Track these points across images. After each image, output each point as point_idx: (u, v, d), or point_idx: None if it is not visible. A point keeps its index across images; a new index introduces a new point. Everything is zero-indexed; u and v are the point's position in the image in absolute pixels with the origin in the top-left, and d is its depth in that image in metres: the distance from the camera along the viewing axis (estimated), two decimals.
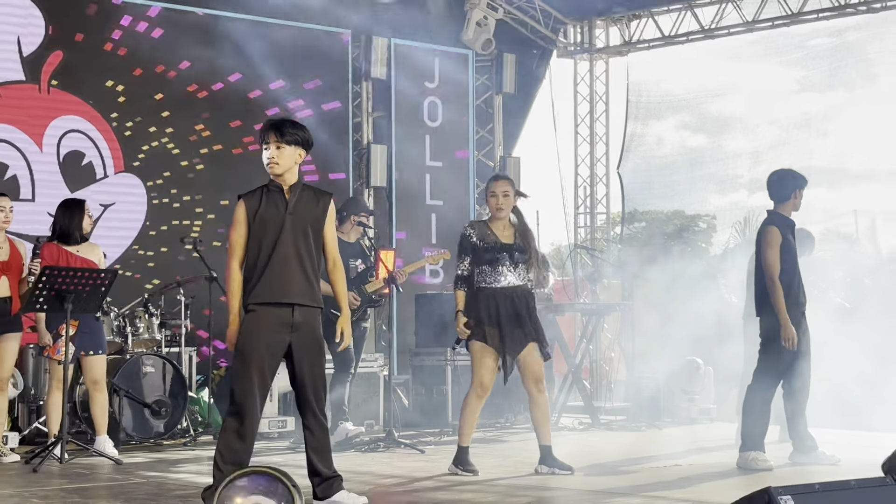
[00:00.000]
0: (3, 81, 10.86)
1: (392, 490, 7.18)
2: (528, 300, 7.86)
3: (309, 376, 6.21)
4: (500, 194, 7.86)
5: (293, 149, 6.25)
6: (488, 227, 7.90)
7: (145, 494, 7.04)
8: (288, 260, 6.20)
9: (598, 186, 15.31)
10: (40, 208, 10.72)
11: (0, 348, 8.54)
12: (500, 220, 7.90)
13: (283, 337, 6.13)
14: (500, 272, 7.81)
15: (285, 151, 6.22)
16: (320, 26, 12.82)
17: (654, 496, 6.97)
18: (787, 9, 13.39)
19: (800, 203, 8.51)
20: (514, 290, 7.81)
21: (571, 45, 15.16)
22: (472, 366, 7.87)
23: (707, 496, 6.89)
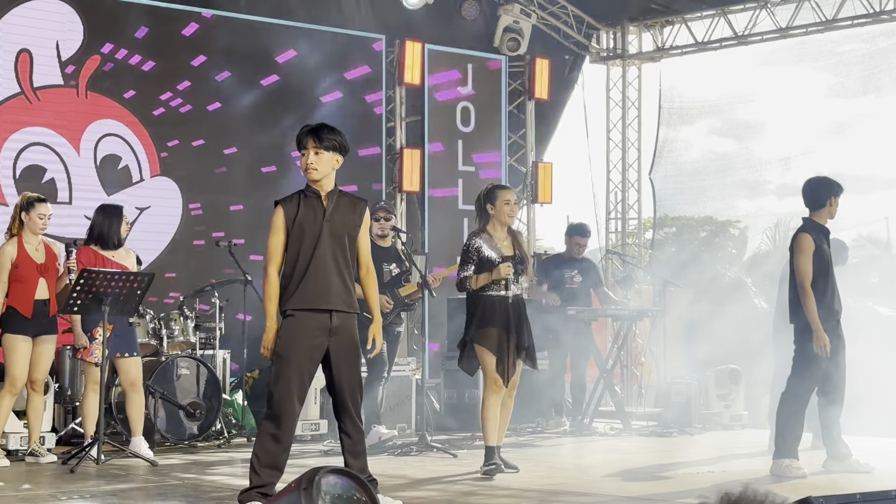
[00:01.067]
0: (42, 86, 10.91)
1: (425, 494, 7.17)
2: (522, 308, 8.06)
3: (346, 380, 6.22)
4: (512, 202, 8.08)
5: (331, 154, 6.26)
6: (492, 238, 8.02)
7: (181, 496, 7.06)
8: (325, 266, 6.21)
9: (630, 192, 15.26)
10: (77, 211, 10.74)
11: (36, 350, 8.59)
12: (502, 228, 8.05)
13: (321, 342, 6.14)
14: (502, 283, 7.95)
15: (323, 157, 6.23)
16: (354, 31, 12.83)
17: (689, 503, 6.92)
18: (821, 15, 13.31)
19: (835, 211, 8.42)
20: (513, 299, 7.98)
21: (604, 51, 15.13)
22: (481, 366, 8.00)
23: None
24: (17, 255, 8.47)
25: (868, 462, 8.25)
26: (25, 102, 10.82)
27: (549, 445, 10.29)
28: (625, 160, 15.24)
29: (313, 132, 6.29)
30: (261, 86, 12.16)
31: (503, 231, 8.08)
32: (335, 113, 12.41)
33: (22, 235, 8.54)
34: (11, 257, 8.46)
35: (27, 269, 8.49)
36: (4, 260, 8.47)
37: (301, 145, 6.31)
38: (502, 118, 13.81)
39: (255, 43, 12.12)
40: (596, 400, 11.52)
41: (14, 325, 8.44)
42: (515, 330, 7.94)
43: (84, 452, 8.37)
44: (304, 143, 6.29)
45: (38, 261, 8.56)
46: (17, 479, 7.84)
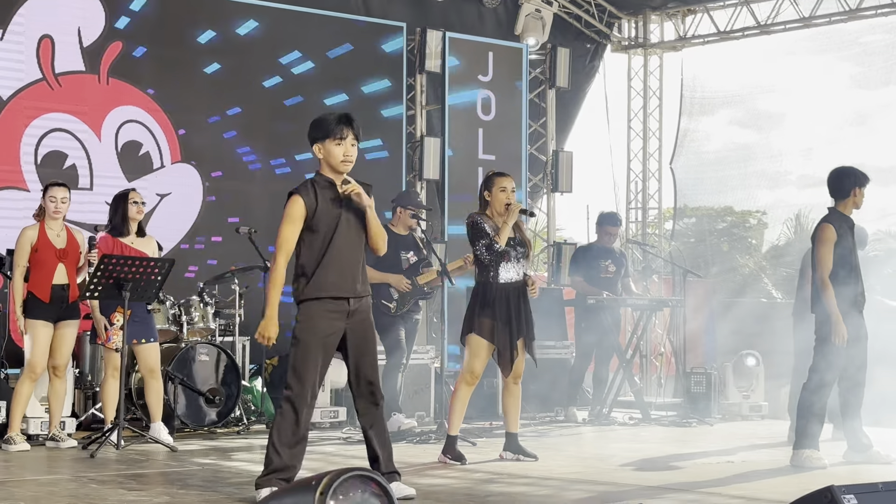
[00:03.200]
0: (64, 71, 10.94)
1: (444, 482, 7.17)
2: (523, 295, 8.03)
3: (365, 357, 6.27)
4: (509, 189, 8.03)
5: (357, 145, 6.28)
6: (492, 222, 7.98)
7: (200, 481, 7.08)
8: (342, 253, 6.22)
9: (651, 181, 15.24)
10: (98, 198, 10.77)
11: (58, 335, 8.61)
12: (500, 215, 7.99)
13: (339, 325, 6.17)
14: (505, 268, 7.96)
15: (356, 148, 6.25)
16: (376, 19, 12.83)
17: (709, 492, 6.91)
18: (844, 5, 13.26)
19: (861, 201, 8.33)
20: (514, 285, 7.99)
21: (626, 40, 15.10)
22: (466, 356, 8.06)
23: (762, 493, 6.83)
24: (38, 240, 8.50)
25: (889, 453, 8.23)
26: (47, 88, 10.85)
27: (568, 435, 10.28)
28: (646, 150, 15.22)
29: (352, 123, 6.25)
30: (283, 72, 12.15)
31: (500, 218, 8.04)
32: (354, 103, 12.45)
33: (44, 221, 8.58)
34: (31, 240, 8.49)
35: (46, 253, 8.51)
36: (24, 242, 8.50)
37: (336, 135, 6.24)
38: (523, 107, 13.78)
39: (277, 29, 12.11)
40: (615, 390, 11.50)
41: (33, 310, 8.47)
42: (516, 317, 7.93)
43: (104, 437, 8.40)
44: (341, 134, 6.23)
45: (59, 246, 8.58)
46: (38, 464, 7.88)
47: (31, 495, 6.49)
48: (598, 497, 6.67)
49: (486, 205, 8.07)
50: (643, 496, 6.61)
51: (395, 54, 12.94)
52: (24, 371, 8.54)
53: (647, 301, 11.92)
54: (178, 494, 6.56)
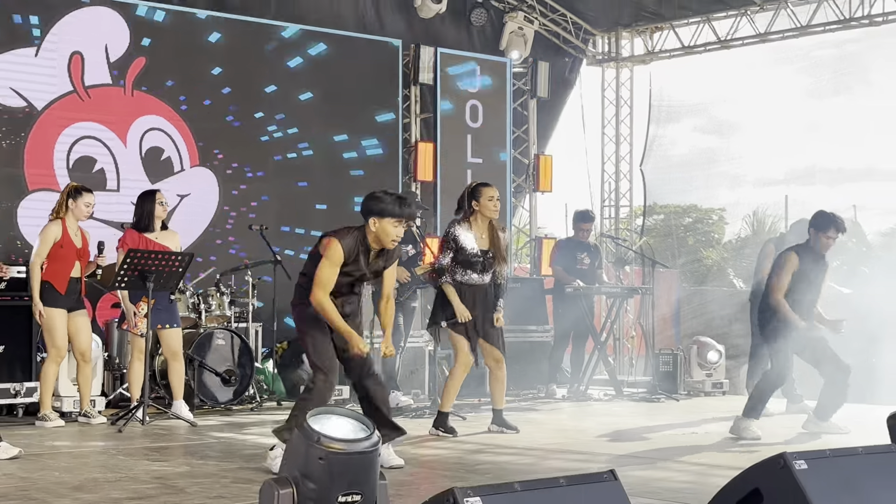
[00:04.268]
0: (93, 84, 10.92)
1: (437, 452, 7.18)
2: (489, 294, 8.07)
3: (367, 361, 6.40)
4: (495, 198, 8.02)
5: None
6: (470, 231, 7.99)
7: (217, 453, 7.09)
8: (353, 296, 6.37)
9: (622, 182, 15.25)
10: (124, 199, 10.76)
11: (76, 323, 8.58)
12: (484, 223, 8.00)
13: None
14: (471, 273, 7.98)
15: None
16: (375, 36, 12.82)
17: (675, 460, 6.94)
18: (796, 22, 13.27)
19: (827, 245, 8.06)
20: (481, 286, 8.02)
21: (599, 55, 15.10)
22: (454, 347, 8.09)
23: (722, 461, 6.85)
24: (62, 236, 8.48)
25: (846, 425, 8.22)
26: (78, 100, 10.83)
27: (549, 410, 10.30)
28: (618, 153, 15.23)
29: (410, 207, 6.21)
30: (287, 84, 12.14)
31: (485, 225, 8.02)
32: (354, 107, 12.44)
33: (66, 219, 8.54)
34: (56, 237, 8.46)
35: (69, 249, 8.49)
36: (49, 238, 8.46)
37: (393, 215, 6.11)
38: (507, 115, 13.79)
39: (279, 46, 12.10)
40: (591, 369, 11.52)
41: (50, 299, 8.43)
42: (479, 314, 7.96)
43: (131, 414, 8.41)
44: (399, 214, 6.12)
45: (77, 244, 8.57)
46: (71, 438, 7.88)
47: (65, 466, 6.50)
48: (575, 465, 6.69)
49: (471, 212, 8.01)
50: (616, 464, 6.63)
51: (392, 68, 12.92)
52: (49, 355, 8.52)
53: (620, 289, 11.94)
54: (197, 464, 6.57)
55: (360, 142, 12.65)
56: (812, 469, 3.92)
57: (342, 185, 12.31)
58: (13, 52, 10.47)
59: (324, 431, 3.21)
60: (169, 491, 5.61)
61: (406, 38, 13.06)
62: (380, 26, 12.95)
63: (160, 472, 6.20)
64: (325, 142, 12.37)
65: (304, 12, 12.30)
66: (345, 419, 3.32)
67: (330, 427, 3.28)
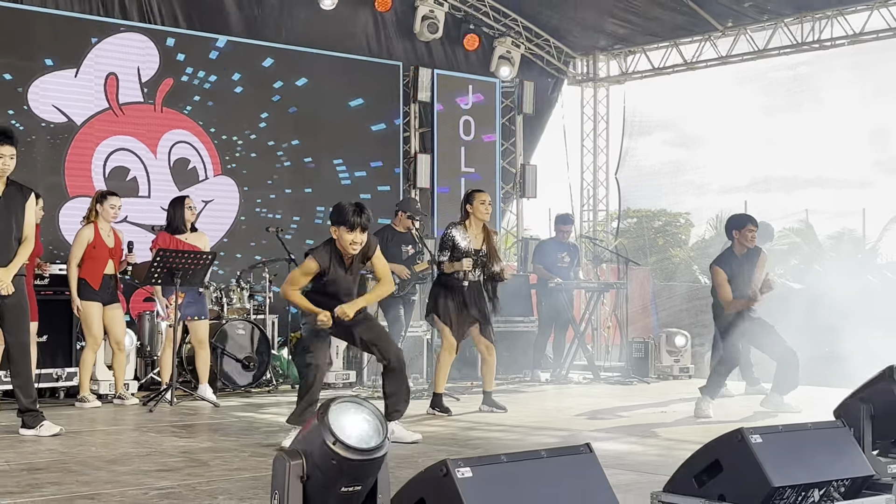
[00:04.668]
0: (126, 102, 10.91)
1: (434, 429, 7.18)
2: (480, 290, 8.08)
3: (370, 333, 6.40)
4: (487, 202, 8.07)
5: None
6: (465, 232, 8.02)
7: (238, 430, 7.09)
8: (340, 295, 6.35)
9: (599, 189, 15.26)
10: (155, 204, 10.76)
11: (111, 315, 8.59)
12: (478, 225, 8.05)
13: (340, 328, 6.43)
14: (462, 273, 7.96)
15: (365, 234, 6.25)
16: (379, 59, 12.82)
17: (645, 435, 6.94)
18: (754, 46, 13.31)
19: (747, 238, 8.17)
20: (472, 284, 8.02)
21: (579, 75, 15.11)
22: (439, 332, 8.15)
23: (687, 436, 6.85)
24: (94, 238, 8.48)
25: (798, 405, 8.24)
26: (113, 116, 10.83)
27: (533, 392, 10.30)
28: (595, 163, 15.24)
29: (362, 215, 6.17)
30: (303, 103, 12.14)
31: (478, 227, 8.07)
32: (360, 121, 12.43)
33: (97, 222, 8.54)
34: (89, 239, 8.46)
35: (102, 250, 8.49)
36: (82, 241, 8.47)
37: (350, 225, 6.13)
38: (496, 129, 13.79)
39: (293, 67, 12.10)
40: (571, 356, 11.52)
41: (86, 294, 8.45)
42: (469, 307, 7.97)
43: (160, 396, 8.41)
44: (354, 224, 6.13)
45: (109, 245, 8.56)
46: (107, 417, 7.88)
47: (102, 442, 6.50)
48: (557, 440, 6.69)
49: (466, 215, 8.07)
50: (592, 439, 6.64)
51: (394, 87, 12.92)
52: (87, 343, 8.52)
53: (597, 284, 11.95)
54: (220, 440, 6.57)
55: (365, 153, 12.64)
56: (766, 442, 3.93)
57: (348, 191, 12.30)
58: (56, 73, 10.46)
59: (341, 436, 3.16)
60: (194, 464, 5.61)
61: (407, 61, 13.06)
62: (384, 50, 12.94)
63: (186, 447, 6.21)
64: (334, 152, 12.37)
65: (316, 37, 12.28)
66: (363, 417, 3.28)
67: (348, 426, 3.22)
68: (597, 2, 13.27)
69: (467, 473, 3.22)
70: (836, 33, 12.63)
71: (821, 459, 4.03)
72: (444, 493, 3.20)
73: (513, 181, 14.12)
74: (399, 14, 13.01)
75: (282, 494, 3.15)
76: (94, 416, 7.88)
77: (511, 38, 13.89)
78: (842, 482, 4.07)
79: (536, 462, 3.44)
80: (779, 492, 3.84)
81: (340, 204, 6.25)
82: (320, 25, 12.29)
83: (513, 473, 3.33)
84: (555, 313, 11.23)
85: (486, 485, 3.23)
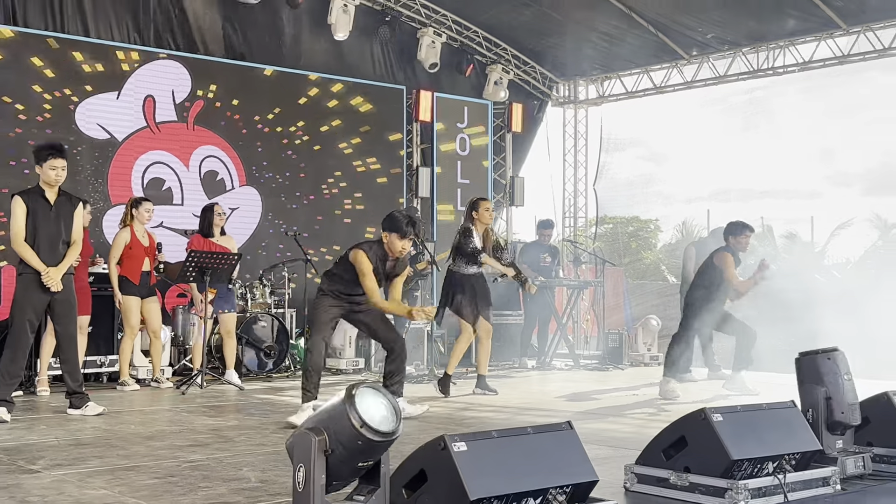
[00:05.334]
0: (162, 121, 10.90)
1: (433, 410, 7.18)
2: (484, 282, 8.28)
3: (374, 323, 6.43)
4: (490, 209, 8.30)
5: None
6: (476, 233, 8.23)
7: (260, 410, 7.08)
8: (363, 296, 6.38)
9: (579, 198, 15.25)
10: (187, 211, 10.75)
11: (148, 308, 8.60)
12: (481, 227, 8.25)
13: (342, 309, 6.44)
14: (473, 265, 8.18)
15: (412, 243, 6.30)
16: (386, 84, 12.82)
17: (620, 415, 6.94)
18: (715, 72, 13.31)
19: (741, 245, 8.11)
20: (477, 275, 8.18)
21: (561, 98, 15.10)
22: (461, 324, 8.22)
23: (656, 415, 6.85)
24: (131, 240, 8.50)
25: (755, 387, 8.24)
26: (150, 133, 10.81)
27: (521, 377, 10.29)
28: (576, 176, 15.23)
29: (414, 229, 6.22)
30: (314, 122, 12.13)
31: (482, 229, 8.27)
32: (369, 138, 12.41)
33: (133, 225, 8.55)
34: (126, 241, 8.49)
35: (138, 249, 8.51)
36: (121, 243, 8.49)
37: (403, 234, 6.18)
38: (489, 145, 13.79)
39: (311, 88, 12.10)
40: (554, 345, 11.52)
41: (127, 289, 8.46)
42: (478, 297, 8.13)
43: (192, 380, 8.40)
44: (407, 234, 6.19)
45: (144, 244, 8.57)
46: (144, 399, 7.87)
47: (139, 420, 6.49)
48: (541, 419, 6.69)
49: (472, 220, 8.27)
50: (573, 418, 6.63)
51: (398, 108, 12.92)
52: (125, 333, 8.52)
53: (577, 282, 11.94)
54: (244, 419, 6.57)
55: (373, 166, 12.63)
56: (726, 420, 3.94)
57: (359, 200, 12.31)
58: (100, 96, 10.46)
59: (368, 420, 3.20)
60: (221, 440, 5.60)
61: (410, 84, 13.06)
62: (389, 75, 12.93)
63: (214, 425, 6.20)
64: (345, 166, 12.36)
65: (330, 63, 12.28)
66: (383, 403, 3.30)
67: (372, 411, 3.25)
68: (577, 33, 13.27)
69: (462, 447, 3.23)
70: (787, 61, 12.64)
71: (774, 436, 4.04)
72: (443, 464, 3.21)
73: (503, 191, 14.12)
74: (403, 43, 13.01)
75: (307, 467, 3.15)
76: (133, 398, 7.87)
77: (502, 65, 13.89)
78: (793, 456, 4.08)
79: (523, 437, 3.44)
80: (737, 464, 3.84)
81: (394, 213, 6.34)
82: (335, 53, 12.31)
83: (502, 447, 3.34)
84: (539, 308, 11.23)
85: (479, 457, 3.24)
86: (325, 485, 3.17)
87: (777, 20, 11.96)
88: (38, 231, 6.41)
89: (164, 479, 4.37)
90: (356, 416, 3.14)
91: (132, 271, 8.47)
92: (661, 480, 3.98)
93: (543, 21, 12.98)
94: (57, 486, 4.23)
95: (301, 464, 3.17)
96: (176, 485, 4.26)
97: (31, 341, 6.51)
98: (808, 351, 4.61)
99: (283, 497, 3.97)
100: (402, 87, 12.97)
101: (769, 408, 4.21)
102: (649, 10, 12.37)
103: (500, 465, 3.26)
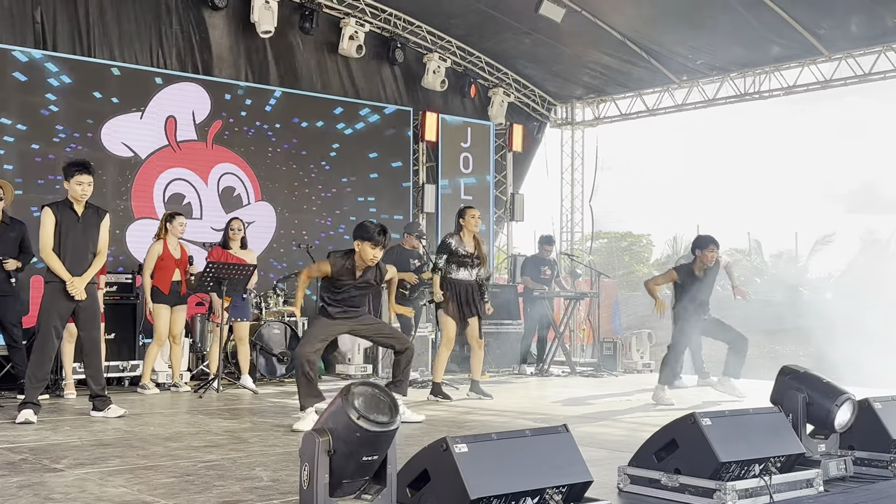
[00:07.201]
0: (183, 140, 10.93)
1: (436, 413, 7.15)
2: (475, 288, 8.10)
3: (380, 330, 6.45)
4: (476, 217, 8.15)
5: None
6: (462, 240, 8.08)
7: (273, 413, 7.06)
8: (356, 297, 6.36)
9: (576, 214, 15.24)
10: (206, 224, 10.76)
11: (174, 315, 8.60)
12: (469, 235, 8.10)
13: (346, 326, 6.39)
14: (462, 271, 8.04)
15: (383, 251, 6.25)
16: (394, 105, 12.84)
17: (613, 419, 6.90)
18: (705, 96, 13.32)
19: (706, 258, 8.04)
20: (468, 282, 8.05)
21: (559, 120, 15.11)
22: (441, 328, 8.10)
23: (648, 420, 6.82)
24: (163, 252, 8.50)
25: (743, 392, 8.20)
26: (171, 151, 10.83)
27: (520, 383, 10.26)
28: (573, 193, 15.22)
29: (384, 237, 6.15)
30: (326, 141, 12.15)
31: (470, 236, 8.14)
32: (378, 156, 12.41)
33: (166, 238, 8.56)
34: (158, 253, 8.51)
35: (169, 261, 8.52)
36: (153, 255, 8.51)
37: (375, 242, 6.11)
38: (491, 164, 13.79)
39: (324, 110, 12.12)
40: (552, 353, 11.49)
41: (158, 298, 8.48)
42: (468, 303, 8.01)
43: (209, 384, 8.38)
44: (377, 242, 6.11)
45: (176, 256, 8.58)
46: (164, 402, 7.85)
47: (159, 422, 6.47)
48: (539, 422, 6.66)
49: (460, 227, 8.14)
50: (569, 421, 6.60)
51: (406, 128, 12.94)
52: (153, 339, 8.52)
53: (574, 293, 11.92)
54: (258, 421, 6.55)
55: (382, 182, 12.64)
56: (715, 424, 3.91)
57: (368, 215, 12.30)
58: (124, 115, 10.49)
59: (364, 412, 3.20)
60: (236, 441, 5.58)
61: (417, 106, 13.08)
62: (398, 97, 12.96)
63: (230, 427, 6.18)
64: (355, 182, 12.37)
65: (342, 86, 12.30)
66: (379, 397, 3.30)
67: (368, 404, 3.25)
68: (574, 59, 13.30)
69: (464, 448, 3.21)
70: (773, 86, 12.65)
71: (760, 439, 4.01)
72: (445, 464, 3.19)
73: (504, 207, 14.11)
74: (411, 68, 13.04)
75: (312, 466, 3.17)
76: (153, 401, 7.86)
77: (503, 88, 13.90)
78: (778, 458, 4.05)
79: (522, 440, 3.43)
80: (725, 466, 3.82)
81: (365, 223, 6.26)
82: (347, 77, 12.33)
83: (502, 449, 3.33)
84: (538, 317, 11.22)
85: (480, 458, 3.22)
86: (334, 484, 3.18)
87: (763, 47, 11.99)
88: (66, 241, 6.42)
89: (180, 478, 4.35)
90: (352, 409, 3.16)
91: (163, 281, 8.49)
92: (652, 481, 3.96)
93: (543, 48, 13.01)
94: (79, 484, 4.21)
95: (306, 463, 3.18)
96: (192, 483, 4.24)
97: (56, 347, 6.50)
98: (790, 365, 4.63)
99: (293, 495, 3.95)
100: (410, 109, 12.98)
101: (756, 412, 4.19)
102: (643, 38, 12.40)
103: (499, 466, 3.24)
